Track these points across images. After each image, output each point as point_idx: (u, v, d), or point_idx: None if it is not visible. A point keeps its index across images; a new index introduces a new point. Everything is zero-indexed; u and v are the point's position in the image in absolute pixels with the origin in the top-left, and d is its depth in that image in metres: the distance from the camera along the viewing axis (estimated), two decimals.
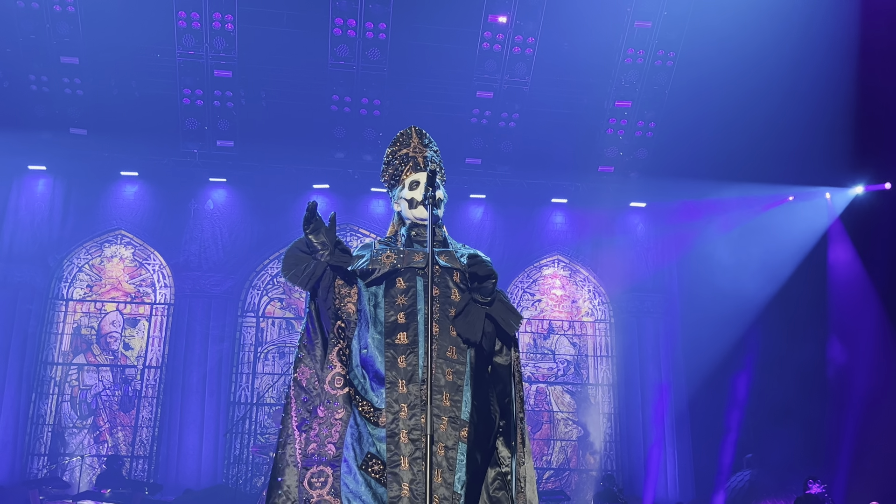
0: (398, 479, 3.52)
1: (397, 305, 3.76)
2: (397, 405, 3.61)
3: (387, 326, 3.73)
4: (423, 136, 4.12)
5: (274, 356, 12.62)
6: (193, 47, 11.35)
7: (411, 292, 3.78)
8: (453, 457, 3.56)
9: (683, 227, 12.91)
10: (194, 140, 12.00)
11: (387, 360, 3.67)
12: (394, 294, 3.78)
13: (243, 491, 11.75)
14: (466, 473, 3.58)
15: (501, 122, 12.23)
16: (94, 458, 11.77)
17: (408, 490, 3.49)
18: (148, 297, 12.62)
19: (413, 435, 3.57)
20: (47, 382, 12.07)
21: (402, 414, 3.60)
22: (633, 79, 11.95)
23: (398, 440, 3.57)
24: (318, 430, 3.65)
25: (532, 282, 13.43)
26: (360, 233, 13.11)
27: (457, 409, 3.63)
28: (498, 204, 13.20)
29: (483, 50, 11.68)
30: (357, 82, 11.77)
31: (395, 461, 3.54)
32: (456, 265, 3.86)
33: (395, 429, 3.58)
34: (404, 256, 3.89)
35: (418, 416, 3.58)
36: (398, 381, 3.64)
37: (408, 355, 3.67)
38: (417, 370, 3.64)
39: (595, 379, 13.14)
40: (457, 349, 3.68)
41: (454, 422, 3.61)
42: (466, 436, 3.62)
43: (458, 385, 3.66)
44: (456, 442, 3.59)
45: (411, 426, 3.58)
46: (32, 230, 12.20)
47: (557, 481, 12.48)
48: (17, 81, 11.52)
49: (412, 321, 3.72)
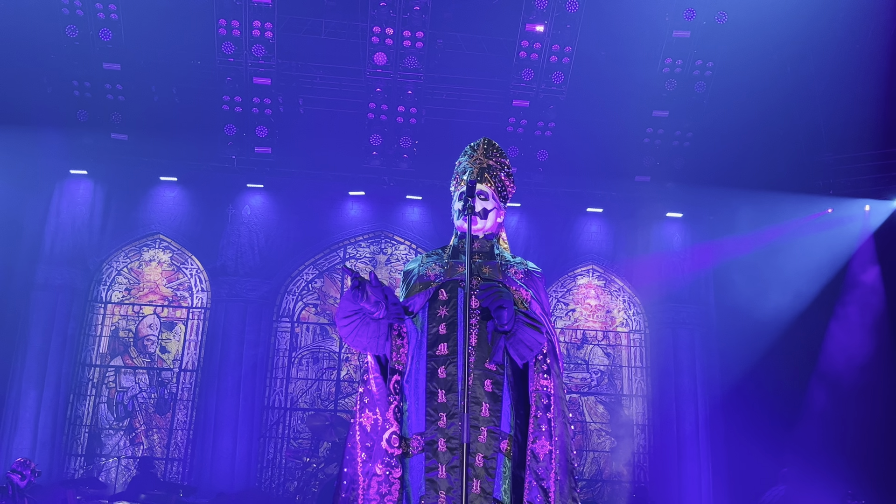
0: (435, 486, 3.52)
1: (438, 317, 3.77)
2: (436, 414, 3.62)
3: (429, 338, 3.73)
4: (491, 146, 4.08)
5: (308, 361, 12.69)
6: (233, 54, 11.47)
7: (452, 303, 3.79)
8: (492, 467, 3.55)
9: (720, 238, 12.79)
10: (233, 146, 12.13)
11: (428, 371, 3.68)
12: (436, 307, 3.79)
13: (276, 495, 11.82)
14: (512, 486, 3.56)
15: (537, 131, 12.22)
16: (130, 460, 11.90)
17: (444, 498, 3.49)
18: (185, 301, 12.75)
19: (451, 444, 3.57)
20: (85, 384, 12.23)
21: (441, 423, 3.60)
22: (671, 88, 11.89)
23: (436, 448, 3.57)
24: (377, 487, 3.64)
25: (566, 291, 13.39)
26: (394, 240, 13.15)
27: (496, 419, 3.62)
28: (533, 213, 13.17)
29: (520, 59, 11.67)
30: (394, 90, 11.83)
31: (432, 468, 3.54)
32: (498, 277, 3.85)
33: (433, 437, 3.58)
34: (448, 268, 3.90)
35: (457, 425, 3.58)
36: (438, 391, 3.64)
37: (447, 366, 3.67)
38: (456, 380, 3.65)
39: (629, 390, 13.06)
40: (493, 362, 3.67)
41: (494, 432, 3.60)
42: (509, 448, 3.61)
43: (497, 395, 3.65)
44: (496, 453, 3.58)
45: (450, 435, 3.58)
46: (73, 233, 12.37)
47: (590, 492, 12.40)
48: (61, 87, 11.72)
49: (452, 332, 3.73)
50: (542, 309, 3.85)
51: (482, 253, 3.95)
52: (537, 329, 3.65)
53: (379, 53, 11.50)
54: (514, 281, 3.87)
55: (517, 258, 4.05)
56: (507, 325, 3.57)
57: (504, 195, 4.05)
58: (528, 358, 3.65)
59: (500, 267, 3.91)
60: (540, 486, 3.55)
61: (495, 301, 3.53)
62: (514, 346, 3.61)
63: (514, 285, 3.83)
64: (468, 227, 3.56)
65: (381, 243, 13.13)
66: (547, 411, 3.65)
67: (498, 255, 3.99)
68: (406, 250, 13.02)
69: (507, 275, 3.88)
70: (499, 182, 4.01)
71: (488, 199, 3.95)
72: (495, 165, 4.02)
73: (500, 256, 3.99)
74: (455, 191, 4.05)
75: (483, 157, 4.02)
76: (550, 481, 3.57)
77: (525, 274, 3.95)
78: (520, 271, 3.94)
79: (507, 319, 3.56)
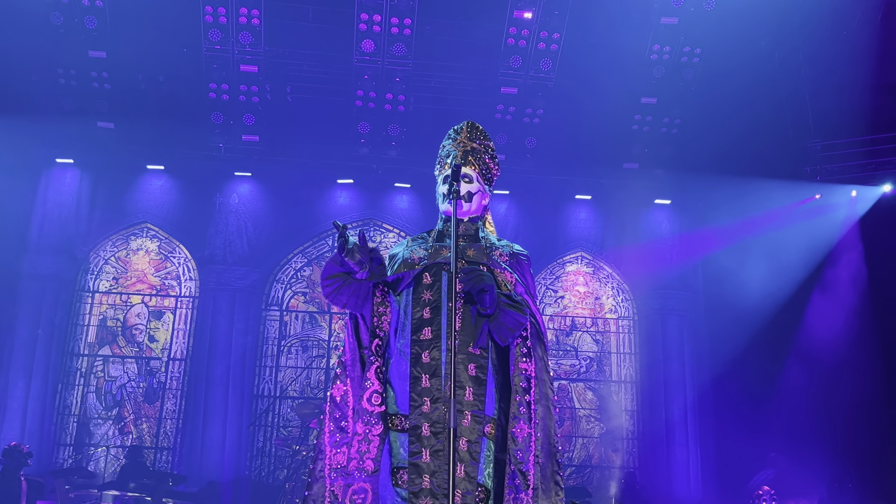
0: (419, 470, 3.52)
1: (423, 301, 3.77)
2: (420, 399, 3.62)
3: (414, 323, 3.74)
4: (475, 129, 4.07)
5: (297, 350, 12.69)
6: (220, 42, 11.41)
7: (436, 287, 3.78)
8: (476, 451, 3.56)
9: (708, 225, 12.82)
10: (220, 134, 12.08)
11: (413, 356, 3.68)
12: (420, 290, 3.79)
13: (266, 483, 11.83)
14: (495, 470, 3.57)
15: (526, 118, 12.22)
16: (119, 449, 11.88)
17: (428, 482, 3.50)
18: (173, 290, 12.72)
19: (435, 428, 3.57)
20: (73, 373, 12.20)
21: (425, 408, 3.61)
22: (659, 75, 11.90)
23: (420, 433, 3.58)
24: (357, 446, 3.65)
25: (555, 278, 13.41)
26: (383, 228, 13.14)
27: (480, 403, 3.63)
28: (521, 200, 13.17)
29: (508, 45, 11.66)
30: (382, 78, 11.79)
31: (416, 453, 3.55)
32: (483, 260, 3.85)
33: (417, 422, 3.59)
34: (433, 252, 3.89)
35: (441, 410, 3.58)
36: (422, 376, 3.64)
37: (431, 350, 3.67)
38: (440, 365, 3.65)
39: (618, 376, 13.11)
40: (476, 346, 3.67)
41: (477, 416, 3.61)
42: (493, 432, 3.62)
43: (482, 379, 3.65)
44: (479, 436, 3.59)
45: (433, 419, 3.58)
46: (60, 223, 12.31)
47: (579, 478, 12.46)
48: (46, 75, 11.63)
49: (436, 316, 3.72)
50: (526, 291, 3.85)
51: (467, 236, 3.94)
52: (520, 311, 3.65)
53: (367, 40, 11.46)
54: (498, 263, 3.86)
55: (503, 241, 4.04)
56: (490, 308, 3.57)
57: (489, 178, 4.05)
58: (510, 340, 3.65)
59: (485, 249, 3.91)
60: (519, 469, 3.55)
61: (477, 284, 3.53)
62: (496, 329, 3.61)
63: (498, 268, 3.83)
64: (454, 211, 3.55)
65: (370, 231, 13.11)
66: (526, 394, 3.63)
67: (483, 237, 3.99)
68: (395, 238, 13.01)
69: (491, 257, 3.87)
70: (483, 165, 4.00)
71: (473, 182, 3.94)
72: (479, 148, 4.01)
73: (485, 239, 3.98)
74: (439, 175, 4.04)
75: (467, 140, 4.02)
76: (529, 464, 3.57)
77: (510, 256, 3.94)
78: (505, 254, 3.94)
79: (489, 303, 3.56)
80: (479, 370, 3.65)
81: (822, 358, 11.55)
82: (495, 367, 3.71)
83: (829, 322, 11.67)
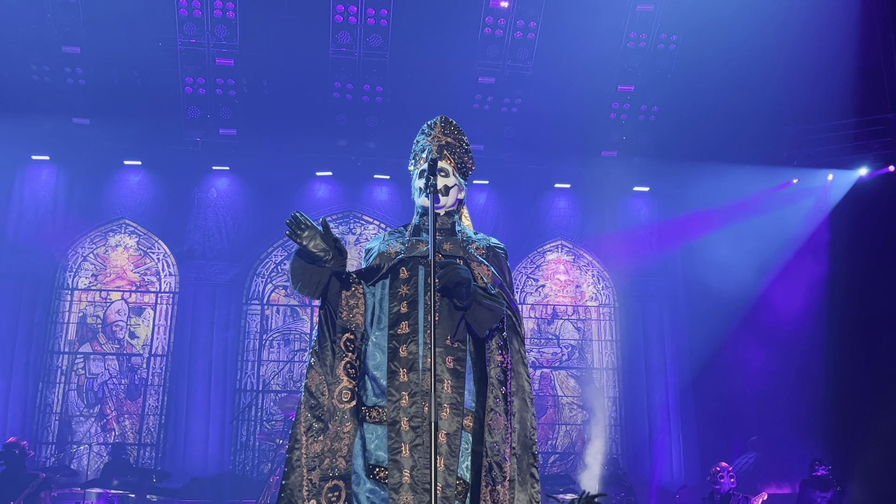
0: (399, 466, 3.53)
1: (400, 296, 3.77)
2: (398, 393, 3.62)
3: (391, 318, 3.74)
4: (448, 124, 4.08)
5: (279, 343, 12.66)
6: (195, 35, 11.33)
7: (413, 281, 3.78)
8: (456, 444, 3.56)
9: (687, 212, 12.89)
10: (197, 128, 11.99)
11: (390, 351, 3.68)
12: (397, 285, 3.79)
13: (250, 477, 11.82)
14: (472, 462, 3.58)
15: (504, 108, 12.21)
16: (102, 447, 11.83)
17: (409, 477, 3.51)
18: (153, 286, 12.66)
19: (413, 422, 3.58)
20: (54, 371, 12.13)
21: (403, 402, 3.61)
22: (636, 63, 11.91)
23: (399, 428, 3.58)
24: (329, 444, 3.66)
25: (536, 267, 13.45)
26: (363, 220, 13.12)
27: (458, 395, 3.64)
28: (501, 189, 13.19)
29: (485, 35, 11.64)
30: (359, 69, 11.75)
31: (395, 448, 3.55)
32: (459, 253, 3.86)
33: (395, 416, 3.59)
34: (409, 246, 3.90)
35: (419, 404, 3.59)
36: (399, 371, 3.65)
37: (409, 344, 3.67)
38: (418, 359, 3.66)
39: (599, 363, 13.17)
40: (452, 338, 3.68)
41: (456, 409, 3.61)
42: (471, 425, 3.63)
43: (460, 372, 3.66)
44: (458, 429, 3.59)
45: (412, 414, 3.59)
46: (36, 220, 12.22)
47: (563, 465, 12.53)
48: (19, 71, 11.49)
49: (413, 310, 3.73)
50: (503, 284, 3.86)
51: (443, 230, 3.96)
52: (497, 303, 3.66)
53: (342, 32, 11.41)
54: (474, 256, 3.87)
55: (479, 234, 4.06)
56: (466, 301, 3.58)
57: (464, 171, 4.06)
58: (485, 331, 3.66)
59: (462, 243, 3.92)
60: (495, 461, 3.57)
61: (453, 278, 3.54)
62: (472, 322, 3.62)
63: (474, 261, 3.84)
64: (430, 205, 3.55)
65: (350, 223, 13.10)
66: (502, 386, 3.65)
67: (459, 231, 4.00)
68: (375, 230, 13.00)
69: (468, 251, 3.89)
70: (458, 159, 4.02)
71: (449, 176, 3.95)
72: (454, 143, 4.02)
73: (462, 233, 4.00)
74: (415, 170, 4.05)
75: (441, 134, 4.02)
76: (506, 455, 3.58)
77: (487, 249, 3.96)
78: (482, 247, 3.95)
79: (465, 296, 3.57)
80: (456, 363, 3.66)
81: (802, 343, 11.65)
82: (473, 360, 3.72)
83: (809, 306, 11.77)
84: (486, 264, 3.87)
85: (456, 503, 3.51)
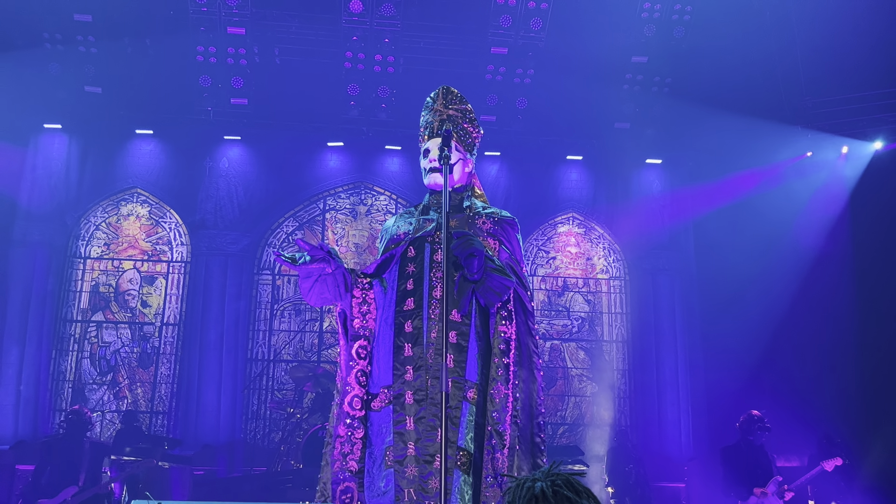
0: (403, 438, 3.56)
1: (406, 274, 3.79)
2: (402, 367, 3.65)
3: (398, 295, 3.76)
4: (449, 94, 4.04)
5: (290, 313, 12.71)
6: (206, 3, 11.28)
7: (419, 259, 3.81)
8: (457, 416, 3.59)
9: (699, 184, 12.81)
10: (208, 98, 11.98)
11: (396, 327, 3.71)
12: (405, 263, 3.81)
13: (261, 446, 11.93)
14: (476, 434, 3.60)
15: (516, 79, 12.13)
16: (115, 414, 11.94)
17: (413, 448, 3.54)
18: (165, 256, 12.71)
19: (418, 395, 3.61)
20: (67, 339, 12.22)
21: (408, 376, 3.64)
22: (649, 33, 11.80)
23: (403, 401, 3.61)
24: (340, 448, 3.71)
25: (547, 239, 13.42)
26: (374, 190, 13.10)
27: (461, 369, 3.65)
28: (512, 161, 13.14)
29: (498, 5, 11.54)
30: (371, 39, 11.69)
31: (400, 421, 3.58)
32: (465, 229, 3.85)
33: (400, 390, 3.61)
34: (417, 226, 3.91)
35: (423, 377, 3.61)
36: (404, 346, 3.67)
37: (413, 319, 3.70)
38: (422, 333, 3.67)
39: (609, 336, 13.17)
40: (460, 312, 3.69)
41: (458, 382, 3.63)
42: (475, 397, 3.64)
43: (462, 346, 3.68)
44: (460, 402, 3.62)
45: (416, 387, 3.61)
46: (49, 189, 12.26)
47: (572, 436, 12.57)
48: (31, 40, 11.48)
49: (419, 287, 3.75)
50: (510, 255, 3.86)
51: (451, 206, 3.94)
52: (505, 275, 3.67)
53: (355, 1, 11.33)
54: (481, 231, 3.87)
55: (489, 208, 4.04)
56: (477, 273, 3.58)
57: (469, 144, 4.03)
58: (496, 302, 3.68)
59: (468, 219, 3.91)
60: (496, 429, 3.59)
61: (465, 249, 3.54)
62: (483, 293, 3.65)
63: (480, 235, 3.84)
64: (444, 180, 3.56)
65: (360, 194, 13.09)
66: (505, 357, 3.67)
67: (467, 206, 3.99)
68: (386, 201, 12.99)
69: (474, 226, 3.88)
70: (462, 131, 3.98)
71: (453, 152, 3.92)
72: (456, 115, 3.98)
73: (470, 208, 3.98)
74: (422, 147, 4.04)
75: (442, 108, 3.99)
76: (506, 424, 3.60)
77: (495, 223, 3.95)
78: (489, 221, 3.95)
79: (476, 268, 3.57)
80: (459, 337, 3.68)
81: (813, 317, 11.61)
82: (479, 334, 3.73)
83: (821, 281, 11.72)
84: (493, 237, 3.87)
85: (457, 473, 3.53)
